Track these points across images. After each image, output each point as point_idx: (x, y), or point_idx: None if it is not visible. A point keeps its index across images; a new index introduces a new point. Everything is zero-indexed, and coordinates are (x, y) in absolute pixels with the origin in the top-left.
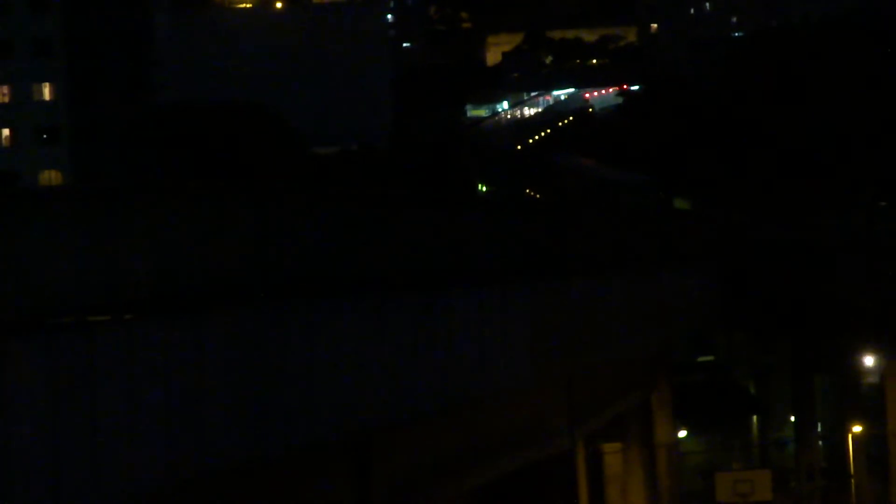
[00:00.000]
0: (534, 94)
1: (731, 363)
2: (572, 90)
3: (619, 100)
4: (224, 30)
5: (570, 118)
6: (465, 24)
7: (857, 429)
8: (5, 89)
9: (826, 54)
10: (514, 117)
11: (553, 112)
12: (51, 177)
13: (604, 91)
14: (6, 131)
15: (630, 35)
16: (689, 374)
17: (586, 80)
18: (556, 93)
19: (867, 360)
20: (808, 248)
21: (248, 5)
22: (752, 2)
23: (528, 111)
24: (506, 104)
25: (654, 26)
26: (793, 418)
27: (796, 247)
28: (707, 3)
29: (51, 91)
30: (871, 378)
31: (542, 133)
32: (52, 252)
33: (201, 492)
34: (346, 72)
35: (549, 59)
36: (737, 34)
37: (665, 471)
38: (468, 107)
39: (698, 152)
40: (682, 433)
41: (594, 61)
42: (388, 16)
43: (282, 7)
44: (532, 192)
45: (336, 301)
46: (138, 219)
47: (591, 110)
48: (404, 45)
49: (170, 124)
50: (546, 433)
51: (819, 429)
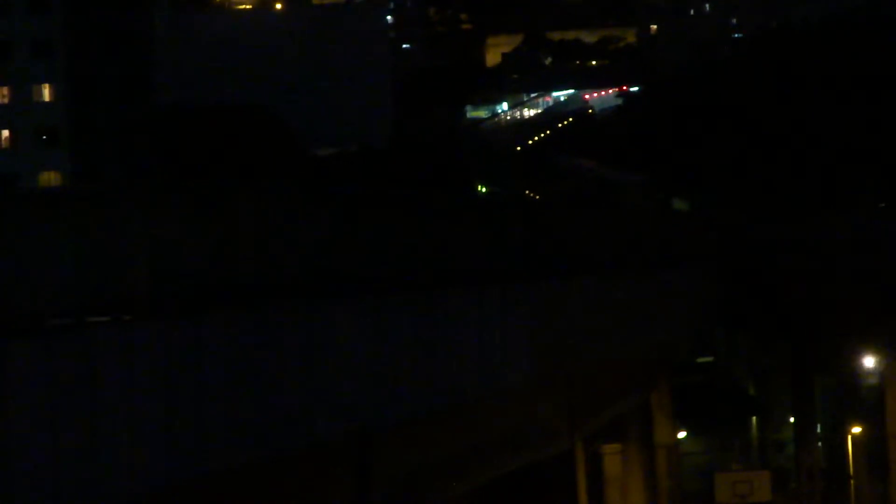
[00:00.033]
0: (533, 95)
1: (731, 364)
2: (572, 91)
3: (619, 101)
4: (223, 31)
5: (570, 119)
6: (465, 26)
7: (856, 430)
8: (5, 90)
9: (826, 55)
10: (513, 118)
11: (553, 113)
12: (50, 178)
13: (603, 92)
14: (6, 132)
15: (630, 36)
16: (689, 374)
17: (586, 81)
18: (555, 94)
19: (867, 361)
20: (808, 248)
21: (247, 6)
22: (752, 3)
23: (528, 112)
24: (505, 105)
25: (654, 27)
26: (792, 419)
27: (796, 247)
28: (707, 4)
29: (50, 92)
30: (870, 379)
31: (542, 134)
32: (51, 253)
33: (201, 493)
34: (346, 73)
35: (548, 61)
36: (737, 35)
37: (665, 471)
38: (468, 108)
39: (698, 153)
40: (681, 434)
41: (594, 62)
42: (388, 17)
43: (281, 8)
44: (532, 193)
45: (336, 301)
46: (138, 220)
47: (590, 111)
48: (404, 46)
49: (169, 126)
50: (546, 433)
51: (819, 430)
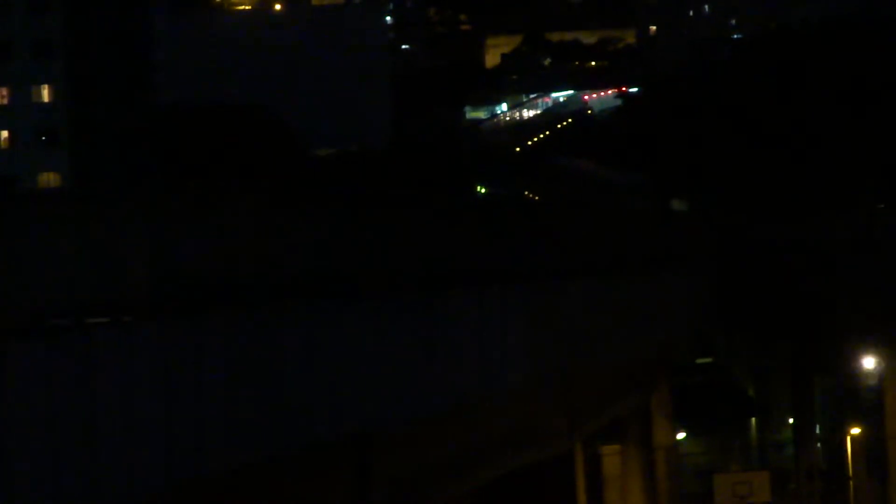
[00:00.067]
0: (533, 95)
1: (731, 365)
2: (571, 92)
3: (618, 102)
4: (223, 31)
5: (569, 120)
6: (464, 26)
7: (856, 431)
8: (4, 91)
9: (826, 55)
10: (513, 119)
11: (552, 114)
12: (50, 179)
13: (603, 93)
14: (5, 133)
15: (629, 37)
16: (689, 375)
17: (585, 81)
18: (554, 94)
19: (867, 361)
20: (807, 248)
21: (246, 7)
22: (752, 4)
23: (527, 113)
24: (505, 106)
25: (653, 28)
26: (792, 420)
27: (796, 247)
28: (706, 5)
29: (50, 93)
30: (870, 380)
31: (541, 135)
32: (51, 254)
33: (200, 494)
34: (345, 74)
35: (547, 61)
36: (736, 36)
37: (664, 472)
38: (467, 108)
39: (697, 153)
40: (681, 435)
41: (593, 63)
42: (387, 17)
43: (281, 9)
44: (531, 194)
45: (335, 302)
46: (137, 220)
47: (589, 112)
48: (403, 46)
49: (169, 126)
50: (545, 434)
51: (818, 430)
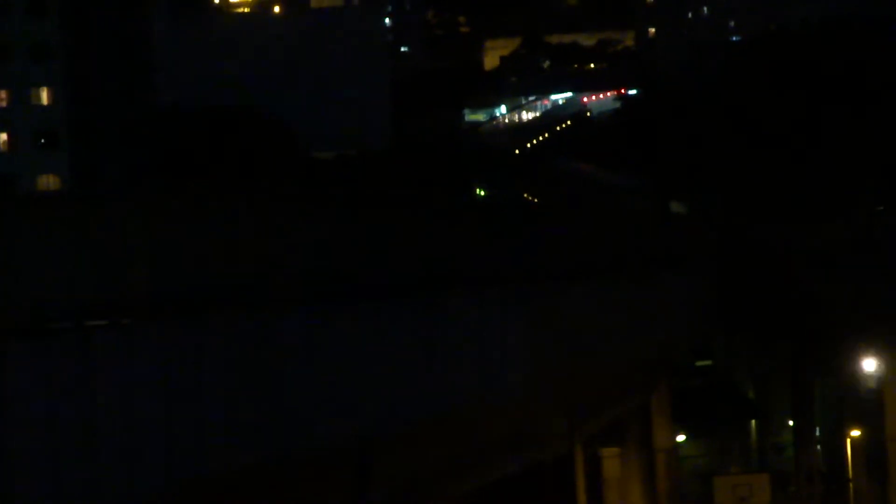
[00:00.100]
0: (532, 98)
1: (730, 367)
2: (570, 94)
3: (617, 104)
4: (222, 34)
5: (568, 122)
6: (463, 29)
7: (855, 433)
8: (3, 93)
9: (824, 57)
10: (512, 121)
11: (551, 116)
12: (49, 181)
13: (601, 95)
14: (4, 135)
15: (628, 39)
16: (688, 378)
17: (584, 84)
18: (553, 97)
19: (866, 364)
20: (807, 249)
21: (246, 10)
22: (750, 5)
23: (526, 115)
24: (504, 108)
25: (652, 30)
26: (792, 422)
27: (796, 248)
28: (705, 7)
29: (49, 95)
30: (869, 382)
31: (540, 137)
32: (51, 255)
33: (200, 494)
34: (345, 76)
35: (546, 64)
36: (735, 38)
37: (664, 475)
38: (466, 111)
39: (697, 155)
40: (680, 437)
41: (592, 65)
42: (386, 20)
43: (280, 11)
44: (530, 196)
45: (335, 304)
46: (137, 222)
47: (588, 114)
48: (402, 49)
49: (168, 128)
50: (545, 436)
51: (818, 433)
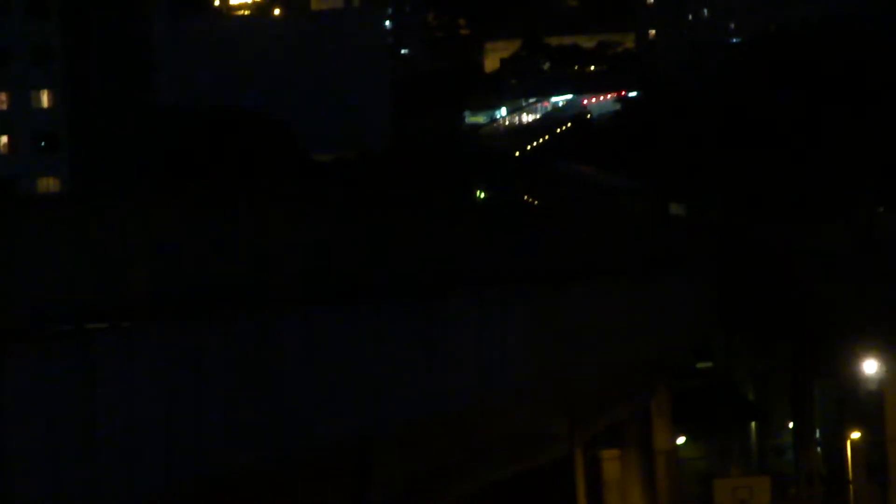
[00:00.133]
0: (532, 100)
1: (730, 368)
2: (570, 96)
3: (617, 106)
4: (223, 36)
5: (568, 124)
6: (464, 31)
7: (855, 435)
8: (3, 96)
9: (824, 57)
10: (512, 123)
11: (551, 118)
12: (49, 183)
13: (602, 97)
14: (4, 138)
15: (628, 41)
16: (688, 379)
17: (584, 86)
18: (554, 99)
19: (866, 365)
20: (807, 250)
21: (246, 12)
22: (750, 6)
23: (526, 117)
24: (504, 110)
25: (653, 32)
26: (792, 424)
27: (796, 249)
28: (705, 9)
29: (49, 98)
30: (870, 384)
31: (541, 139)
32: (51, 256)
33: (200, 494)
34: (345, 78)
35: (547, 66)
36: (735, 39)
37: (664, 477)
38: (466, 113)
39: (696, 156)
40: (680, 439)
41: (592, 67)
42: (387, 22)
43: (280, 14)
44: (530, 198)
45: (335, 307)
46: (137, 223)
47: (588, 116)
48: (402, 51)
49: (168, 131)
50: (545, 438)
51: (818, 435)
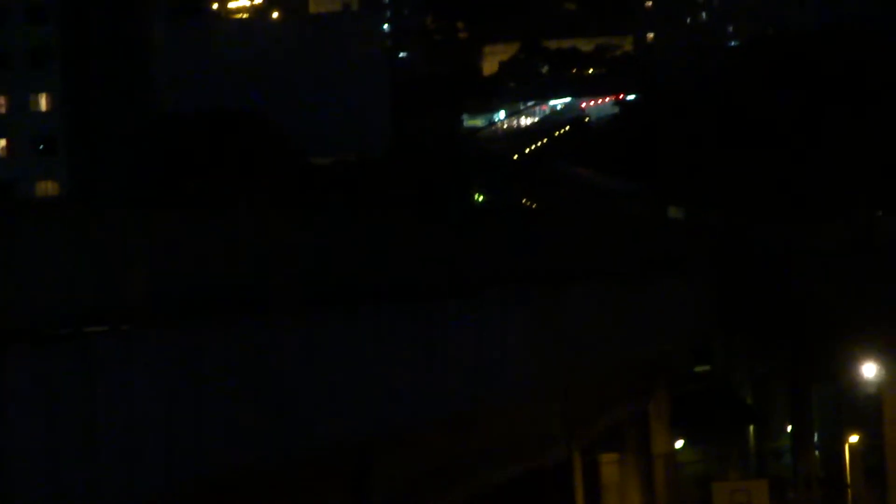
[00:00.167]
0: (530, 103)
1: (729, 372)
2: (569, 99)
3: (616, 109)
4: (221, 40)
5: (567, 127)
6: (462, 34)
7: (854, 438)
8: (2, 100)
9: (824, 57)
10: (510, 127)
11: (549, 121)
12: (47, 187)
13: (600, 100)
14: (3, 141)
15: (627, 44)
16: (687, 383)
17: (583, 89)
18: (552, 102)
19: (865, 369)
20: (807, 251)
21: (244, 16)
22: (749, 10)
23: (525, 120)
24: (502, 113)
25: (651, 35)
26: (790, 428)
27: (795, 251)
28: (704, 12)
29: (48, 101)
30: (868, 387)
31: (539, 142)
32: (50, 258)
33: (200, 494)
34: (343, 81)
35: (545, 69)
36: (733, 43)
37: (662, 480)
38: (465, 116)
39: (696, 157)
40: (679, 443)
41: (591, 71)
42: (385, 25)
43: (278, 17)
44: (529, 201)
45: (334, 310)
46: (137, 224)
47: (587, 119)
48: (401, 54)
49: (167, 134)
50: (544, 441)
51: (816, 438)
